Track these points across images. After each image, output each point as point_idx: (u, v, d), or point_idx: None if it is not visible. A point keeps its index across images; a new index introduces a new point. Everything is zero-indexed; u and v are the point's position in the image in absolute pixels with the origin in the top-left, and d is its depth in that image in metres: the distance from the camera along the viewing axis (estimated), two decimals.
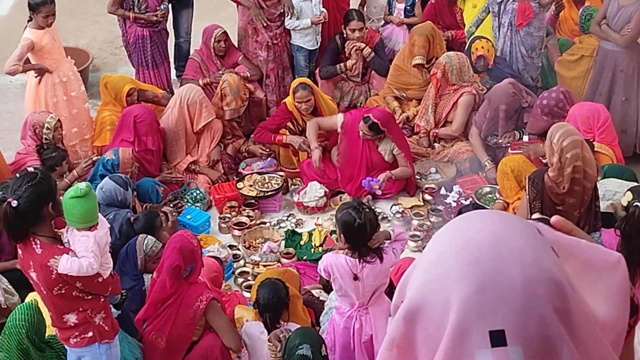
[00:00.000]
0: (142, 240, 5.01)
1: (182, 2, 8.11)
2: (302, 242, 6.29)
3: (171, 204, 6.30)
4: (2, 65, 6.85)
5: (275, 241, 6.26)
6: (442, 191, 6.67)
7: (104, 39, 9.77)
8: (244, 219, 6.46)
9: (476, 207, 5.38)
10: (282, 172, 6.98)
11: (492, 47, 7.23)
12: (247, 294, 5.51)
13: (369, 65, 7.72)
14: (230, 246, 6.07)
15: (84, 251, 3.98)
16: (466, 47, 7.42)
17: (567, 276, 1.07)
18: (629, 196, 4.65)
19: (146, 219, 5.37)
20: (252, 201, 6.62)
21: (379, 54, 7.71)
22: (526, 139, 6.56)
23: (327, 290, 5.17)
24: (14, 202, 3.87)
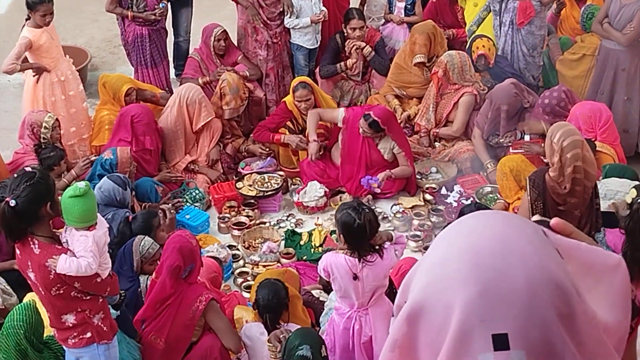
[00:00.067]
0: (139, 241, 4.98)
1: (182, 1, 8.10)
2: (301, 242, 6.27)
3: (171, 203, 6.29)
4: (0, 64, 6.82)
5: (274, 241, 6.24)
6: (443, 191, 6.66)
7: (102, 37, 9.76)
8: (243, 218, 6.44)
9: (479, 206, 5.34)
10: (281, 172, 6.97)
11: (493, 46, 7.22)
12: (246, 295, 5.49)
13: (370, 64, 7.71)
14: (229, 246, 6.06)
15: (83, 251, 3.97)
16: (467, 46, 7.41)
17: (571, 279, 1.06)
18: (633, 193, 4.64)
19: (144, 218, 5.35)
20: (252, 201, 6.60)
21: (380, 53, 7.69)
22: (527, 138, 6.54)
23: (327, 290, 5.16)
24: (12, 202, 3.87)
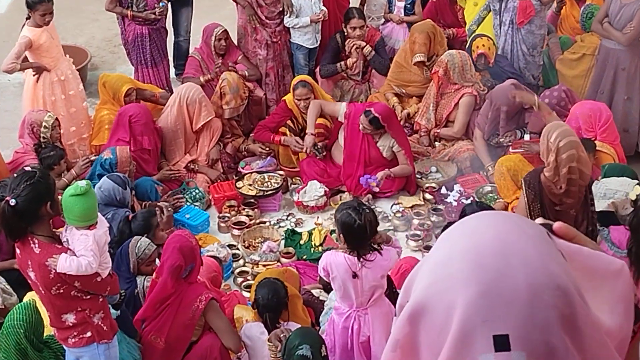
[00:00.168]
0: (135, 243, 4.96)
1: (182, 1, 8.10)
2: (301, 242, 6.27)
3: (172, 198, 6.30)
4: (0, 63, 6.81)
5: (274, 241, 6.23)
6: (443, 190, 6.64)
7: (102, 37, 9.75)
8: (243, 218, 6.43)
9: (481, 205, 5.33)
10: (281, 171, 6.96)
11: (493, 45, 7.20)
12: (246, 294, 5.48)
13: (370, 63, 7.70)
14: (229, 246, 6.06)
15: (83, 250, 3.96)
16: (467, 45, 7.40)
17: (573, 281, 1.06)
18: (638, 190, 4.64)
19: (144, 217, 5.34)
20: (252, 200, 6.60)
21: (380, 52, 7.68)
22: (527, 137, 6.53)
23: (327, 290, 5.15)
24: (12, 201, 3.86)
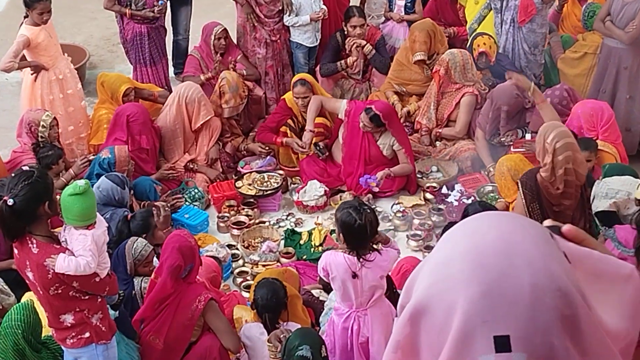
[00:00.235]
0: (132, 244, 4.93)
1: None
2: (301, 242, 6.25)
3: (171, 198, 6.27)
4: None
5: (274, 240, 6.21)
6: (444, 190, 6.62)
7: (101, 36, 9.73)
8: (242, 218, 6.41)
9: (484, 205, 5.30)
10: (281, 171, 6.95)
11: (494, 44, 7.18)
12: (246, 294, 5.47)
13: (370, 62, 7.67)
14: (229, 245, 6.04)
15: (82, 250, 3.95)
16: (468, 44, 7.37)
17: (576, 282, 1.04)
18: None
19: (142, 217, 5.32)
20: (251, 200, 6.58)
21: (380, 51, 7.65)
22: (529, 137, 6.51)
23: (327, 290, 5.13)
24: (10, 201, 3.86)
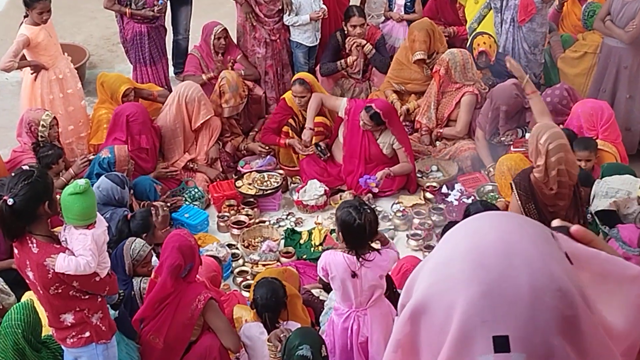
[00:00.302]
0: (129, 244, 4.92)
1: None
2: (301, 241, 6.25)
3: (170, 199, 6.26)
4: None
5: (274, 240, 6.20)
6: (444, 189, 6.61)
7: (100, 35, 9.72)
8: (242, 217, 6.41)
9: (485, 204, 5.30)
10: (281, 170, 6.94)
11: (494, 43, 7.17)
12: (246, 294, 5.47)
13: (370, 62, 7.67)
14: (229, 245, 6.03)
15: (82, 249, 3.95)
16: (468, 44, 7.37)
17: (577, 285, 1.04)
18: None
19: (142, 217, 5.32)
20: (251, 200, 6.57)
21: (380, 50, 7.65)
22: (529, 136, 6.50)
23: (327, 289, 5.13)
24: (10, 201, 3.85)
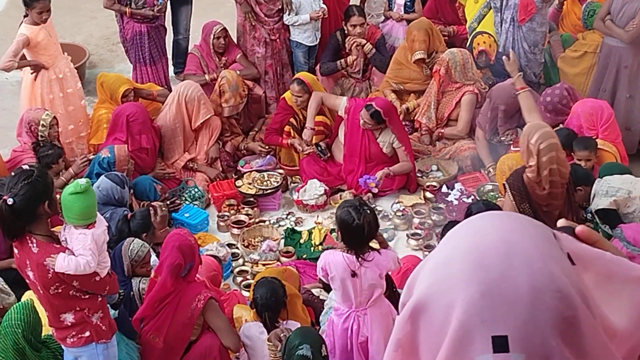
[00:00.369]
0: (128, 245, 4.91)
1: None
2: (301, 241, 6.25)
3: (168, 201, 6.24)
4: None
5: (274, 240, 6.20)
6: (444, 189, 6.62)
7: (100, 35, 9.72)
8: (242, 217, 6.41)
9: (487, 204, 5.29)
10: (281, 170, 6.94)
11: (494, 43, 7.17)
12: (246, 293, 5.47)
13: (370, 61, 7.66)
14: (229, 245, 6.04)
15: (82, 249, 3.94)
16: (468, 43, 7.36)
17: (578, 285, 1.04)
18: None
19: (142, 216, 5.32)
20: (251, 199, 6.57)
21: (380, 50, 7.65)
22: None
23: (327, 289, 5.12)
24: (10, 200, 3.85)
